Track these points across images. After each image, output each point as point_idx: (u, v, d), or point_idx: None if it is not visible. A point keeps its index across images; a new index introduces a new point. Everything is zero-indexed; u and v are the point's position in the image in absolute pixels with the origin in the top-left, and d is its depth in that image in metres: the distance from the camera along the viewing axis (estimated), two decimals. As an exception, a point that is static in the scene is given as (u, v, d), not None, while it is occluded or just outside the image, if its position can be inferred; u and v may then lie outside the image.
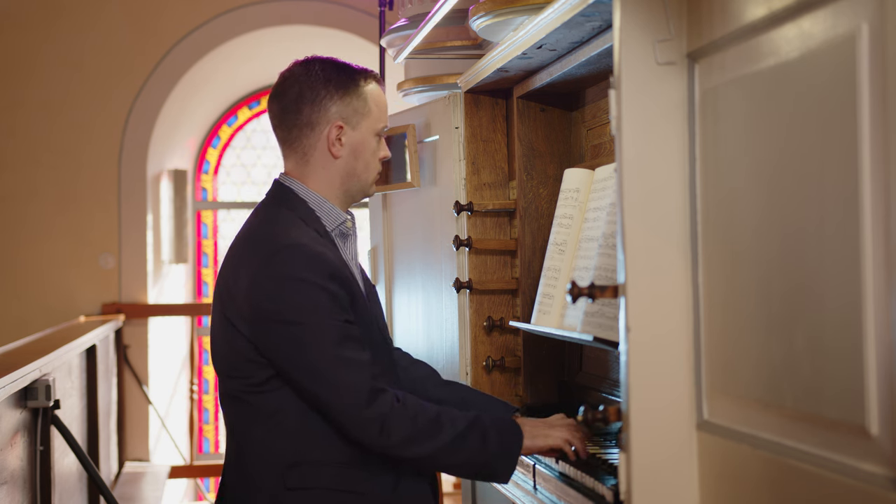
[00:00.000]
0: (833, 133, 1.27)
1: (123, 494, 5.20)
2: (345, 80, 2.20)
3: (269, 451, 2.09)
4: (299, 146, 2.21)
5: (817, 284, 1.31)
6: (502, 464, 2.08)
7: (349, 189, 2.24)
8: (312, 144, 2.20)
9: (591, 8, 2.02)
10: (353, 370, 2.03)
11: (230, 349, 2.11)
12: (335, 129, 2.18)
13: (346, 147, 2.20)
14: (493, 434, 2.08)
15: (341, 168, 2.21)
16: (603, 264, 2.26)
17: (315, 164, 2.21)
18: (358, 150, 2.21)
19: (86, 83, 6.52)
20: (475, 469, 2.10)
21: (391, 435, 2.02)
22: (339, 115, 2.18)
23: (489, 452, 2.07)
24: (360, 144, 2.21)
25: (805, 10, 1.33)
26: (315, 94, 2.18)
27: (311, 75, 2.19)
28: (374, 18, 6.23)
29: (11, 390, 2.81)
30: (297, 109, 2.19)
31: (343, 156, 2.20)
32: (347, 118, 2.19)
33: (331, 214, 2.20)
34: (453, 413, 2.09)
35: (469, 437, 2.06)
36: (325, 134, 2.19)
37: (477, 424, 2.08)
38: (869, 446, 1.23)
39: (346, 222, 2.23)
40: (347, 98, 2.19)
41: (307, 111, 2.18)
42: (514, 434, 2.10)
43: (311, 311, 2.03)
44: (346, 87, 2.19)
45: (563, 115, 2.84)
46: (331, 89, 2.18)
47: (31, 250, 6.50)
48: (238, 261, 2.13)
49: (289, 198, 2.19)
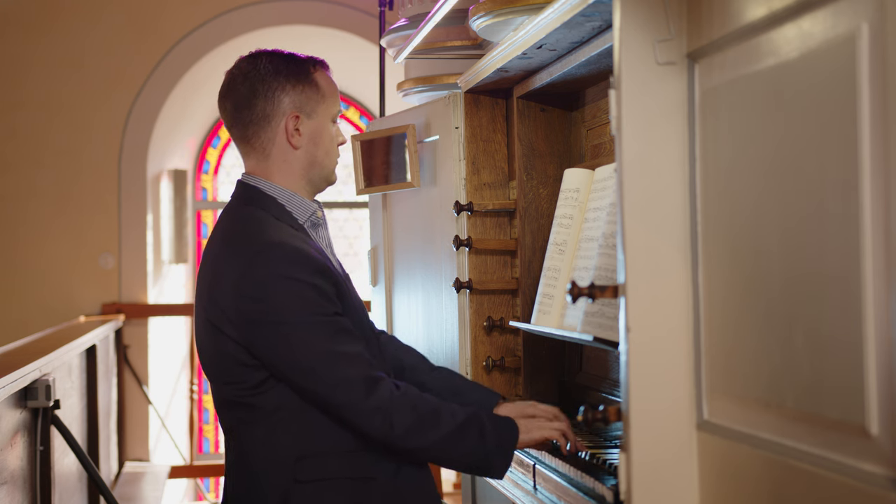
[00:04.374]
0: (833, 133, 1.27)
1: (123, 494, 5.20)
2: (294, 69, 2.19)
3: (273, 449, 2.09)
4: (257, 142, 2.20)
5: (817, 284, 1.31)
6: (499, 460, 2.09)
7: (312, 178, 2.23)
8: (270, 138, 2.19)
9: (591, 8, 2.02)
10: (348, 363, 2.03)
11: (219, 355, 2.09)
12: (292, 120, 2.18)
13: (305, 136, 2.19)
14: (489, 429, 2.08)
15: (302, 158, 2.20)
16: (603, 264, 2.26)
17: (276, 157, 2.20)
18: (317, 138, 2.21)
19: (86, 83, 6.52)
20: (472, 463, 2.10)
21: (394, 425, 2.03)
22: (293, 105, 2.18)
23: (486, 447, 2.07)
24: (318, 132, 2.21)
25: (805, 10, 1.33)
26: (267, 88, 2.17)
27: (259, 69, 2.18)
28: (374, 18, 6.23)
29: (11, 390, 2.81)
30: (250, 105, 2.17)
31: (303, 145, 2.19)
32: (302, 107, 2.18)
33: (301, 207, 2.19)
34: (452, 406, 2.09)
35: (467, 431, 2.07)
36: (281, 126, 2.18)
37: (475, 419, 2.08)
38: (869, 446, 1.23)
39: (317, 212, 2.22)
40: (300, 87, 2.18)
41: (261, 105, 2.17)
42: (509, 430, 2.11)
43: (299, 309, 2.02)
44: (297, 76, 2.18)
45: (563, 115, 2.84)
46: (282, 80, 2.17)
47: (31, 250, 6.50)
48: (217, 265, 2.11)
49: (257, 197, 2.18)
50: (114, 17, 6.52)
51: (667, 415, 1.62)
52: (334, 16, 6.64)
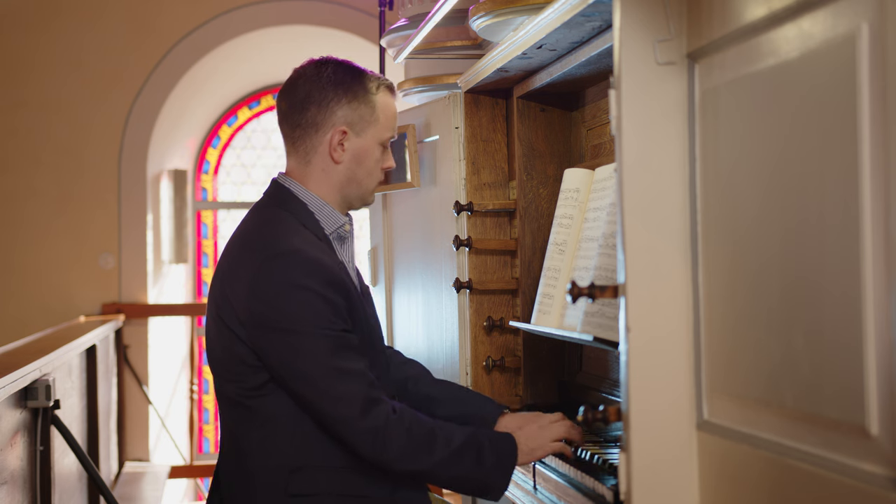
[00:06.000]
0: (833, 133, 1.27)
1: (123, 494, 5.19)
2: (355, 85, 2.18)
3: (270, 454, 2.09)
4: (301, 146, 2.20)
5: (817, 284, 1.31)
6: (497, 481, 2.08)
7: (348, 195, 2.22)
8: (314, 146, 2.19)
9: (591, 8, 2.02)
10: (349, 380, 2.02)
11: (226, 352, 2.10)
12: (338, 134, 2.17)
13: (348, 153, 2.18)
14: (488, 451, 2.06)
15: (342, 173, 2.20)
16: (603, 264, 2.26)
17: (315, 165, 2.19)
18: (360, 158, 2.20)
19: (86, 83, 6.52)
20: (470, 485, 2.09)
21: (385, 448, 2.01)
22: (344, 119, 2.17)
23: (484, 470, 2.06)
24: (362, 152, 2.20)
25: (805, 10, 1.33)
26: (323, 96, 2.16)
27: (321, 76, 2.18)
28: (374, 18, 6.23)
29: (11, 390, 2.81)
30: (303, 109, 2.17)
31: (344, 161, 2.19)
32: (352, 124, 2.17)
33: (330, 218, 2.19)
34: (449, 428, 2.08)
35: (465, 454, 2.05)
36: (327, 137, 2.17)
37: (472, 441, 2.07)
38: (869, 446, 1.23)
39: (345, 225, 2.21)
40: (355, 104, 2.17)
41: (313, 112, 2.17)
42: (509, 451, 2.09)
43: (308, 320, 2.02)
44: (356, 92, 2.17)
45: (563, 115, 2.84)
46: (339, 93, 2.16)
47: (31, 250, 6.50)
48: (235, 263, 2.12)
49: (287, 199, 2.18)
50: (114, 17, 6.52)
51: (667, 415, 1.62)
52: (334, 16, 6.64)
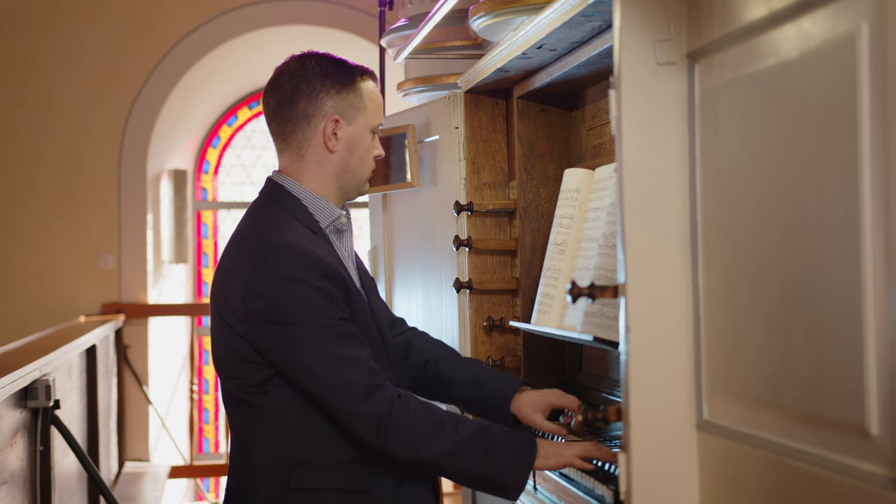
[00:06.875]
0: (833, 133, 1.27)
1: (123, 494, 5.20)
2: (341, 75, 2.20)
3: (272, 451, 2.09)
4: (294, 140, 2.21)
5: (817, 284, 1.31)
6: (510, 479, 2.03)
7: (343, 185, 2.23)
8: (308, 138, 2.20)
9: (591, 8, 2.02)
10: (349, 367, 2.03)
11: (228, 350, 2.11)
12: (331, 123, 2.18)
13: (342, 141, 2.20)
14: (501, 448, 2.03)
15: (336, 163, 2.21)
16: (603, 264, 2.26)
17: (310, 158, 2.20)
18: (353, 146, 2.21)
19: (86, 83, 6.52)
20: (479, 481, 2.06)
21: (388, 436, 2.00)
22: (335, 109, 2.19)
23: (494, 466, 2.02)
24: (355, 139, 2.21)
25: (805, 10, 1.33)
26: (311, 88, 2.18)
27: (307, 69, 2.19)
28: (374, 18, 6.23)
29: (11, 390, 2.81)
30: (293, 102, 2.19)
31: (338, 150, 2.20)
32: (343, 113, 2.19)
33: (325, 211, 2.20)
34: (459, 419, 2.05)
35: (473, 447, 2.02)
36: (320, 128, 2.19)
37: (484, 435, 2.03)
38: (869, 446, 1.23)
39: (341, 218, 2.22)
40: (344, 93, 2.19)
41: (303, 104, 2.18)
42: (526, 451, 2.04)
43: (304, 311, 2.03)
44: (343, 82, 2.20)
45: (563, 115, 2.84)
46: (327, 83, 2.18)
47: (32, 250, 6.50)
48: (232, 262, 2.14)
49: (281, 196, 2.19)
50: (114, 17, 6.52)
51: (667, 415, 1.62)
52: (334, 16, 6.64)
